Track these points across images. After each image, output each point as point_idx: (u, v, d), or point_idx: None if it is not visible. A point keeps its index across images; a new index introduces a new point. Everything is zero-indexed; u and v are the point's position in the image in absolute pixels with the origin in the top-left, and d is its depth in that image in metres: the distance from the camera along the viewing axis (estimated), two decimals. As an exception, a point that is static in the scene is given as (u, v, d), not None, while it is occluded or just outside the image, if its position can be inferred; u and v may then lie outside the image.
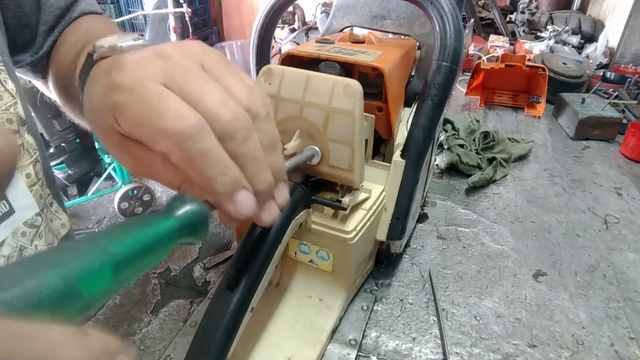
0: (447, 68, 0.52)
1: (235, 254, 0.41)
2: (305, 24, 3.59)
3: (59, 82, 0.49)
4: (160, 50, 0.27)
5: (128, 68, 0.26)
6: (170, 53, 0.27)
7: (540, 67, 1.35)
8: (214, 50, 0.29)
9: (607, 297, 0.66)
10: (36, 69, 0.50)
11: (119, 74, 0.26)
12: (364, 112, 0.53)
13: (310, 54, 0.54)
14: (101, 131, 0.28)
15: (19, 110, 0.43)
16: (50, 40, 0.48)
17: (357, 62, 0.53)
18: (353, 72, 0.56)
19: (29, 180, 0.45)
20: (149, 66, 0.26)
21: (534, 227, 0.83)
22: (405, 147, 0.56)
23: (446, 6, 0.52)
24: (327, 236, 0.52)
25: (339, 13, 0.72)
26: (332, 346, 0.56)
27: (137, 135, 0.25)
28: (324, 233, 0.51)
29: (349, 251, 0.53)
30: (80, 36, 0.48)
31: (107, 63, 0.28)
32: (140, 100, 0.24)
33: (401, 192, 0.57)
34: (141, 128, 0.25)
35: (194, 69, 0.26)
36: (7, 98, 0.42)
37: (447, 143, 1.03)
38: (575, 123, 1.23)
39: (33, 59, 0.48)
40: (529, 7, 2.76)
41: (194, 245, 0.74)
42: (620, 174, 1.05)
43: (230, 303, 0.38)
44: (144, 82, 0.25)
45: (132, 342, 0.56)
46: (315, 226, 0.51)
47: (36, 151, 0.46)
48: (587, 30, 2.46)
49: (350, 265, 0.56)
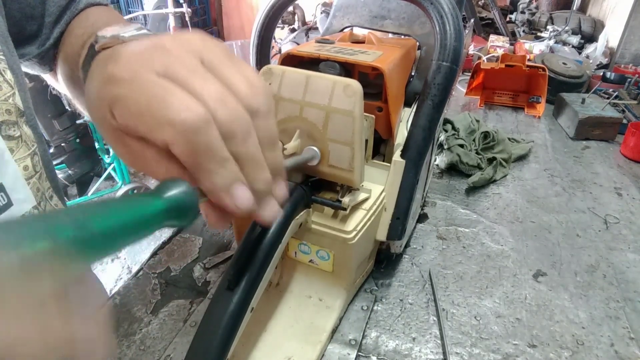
0: (447, 68, 0.52)
1: (235, 254, 0.41)
2: (305, 24, 3.59)
3: (67, 74, 0.49)
4: (159, 42, 0.27)
5: (125, 60, 0.25)
6: (170, 46, 0.26)
7: (540, 67, 1.35)
8: (215, 42, 0.28)
9: (607, 297, 0.66)
10: (43, 61, 0.50)
11: (116, 66, 0.25)
12: (364, 112, 0.53)
13: (310, 53, 0.54)
14: (99, 124, 0.28)
15: (17, 102, 0.43)
16: (56, 31, 0.48)
17: (357, 62, 0.53)
18: (353, 72, 0.56)
19: (27, 173, 0.45)
20: (146, 58, 0.25)
21: (534, 227, 0.83)
22: (405, 147, 0.56)
23: (446, 6, 0.52)
24: (327, 236, 0.52)
25: (339, 13, 0.72)
26: (332, 346, 0.56)
27: (134, 127, 0.25)
28: (324, 233, 0.51)
29: (349, 251, 0.53)
30: (86, 28, 0.47)
31: (107, 54, 0.28)
32: (142, 91, 0.24)
33: (401, 192, 0.57)
34: (141, 118, 0.24)
35: (192, 64, 0.26)
36: (6, 88, 0.41)
37: (447, 143, 1.03)
38: (575, 123, 1.23)
39: (40, 51, 0.48)
40: (529, 7, 2.76)
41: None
42: (620, 174, 1.05)
43: (230, 303, 0.38)
44: (142, 74, 0.25)
45: (132, 342, 0.56)
46: (315, 226, 0.51)
47: (34, 144, 0.45)
48: (587, 30, 2.46)
49: (351, 265, 0.56)
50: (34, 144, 0.45)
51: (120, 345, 0.56)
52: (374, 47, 0.61)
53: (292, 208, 0.46)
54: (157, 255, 0.71)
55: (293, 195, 0.46)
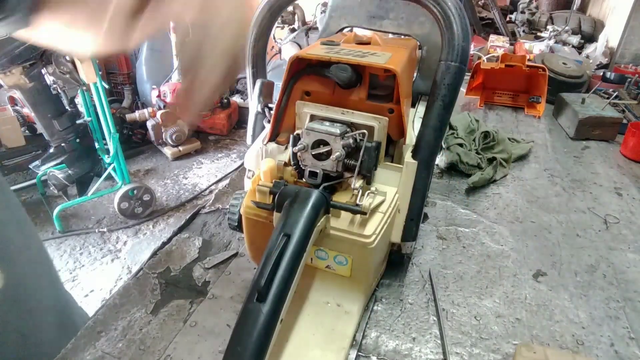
0: (456, 68, 0.52)
1: (260, 265, 0.41)
2: (305, 24, 3.59)
3: None
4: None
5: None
6: None
7: (540, 67, 1.35)
8: None
9: (607, 297, 0.66)
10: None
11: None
12: (376, 115, 0.53)
13: (321, 57, 0.54)
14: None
15: None
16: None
17: (370, 64, 0.52)
18: (364, 74, 0.55)
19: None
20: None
21: (534, 227, 0.83)
22: (416, 147, 0.55)
23: (452, 6, 0.52)
24: (346, 241, 0.51)
25: (335, 14, 0.71)
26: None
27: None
28: (343, 238, 0.51)
29: (368, 255, 0.52)
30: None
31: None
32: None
33: (414, 193, 0.57)
34: None
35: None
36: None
37: (446, 142, 1.03)
38: (575, 123, 1.23)
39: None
40: (529, 7, 2.77)
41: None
42: (620, 174, 1.05)
43: (261, 315, 0.38)
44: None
45: (133, 342, 0.56)
46: (334, 231, 0.51)
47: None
48: (587, 30, 2.46)
49: (369, 269, 0.55)
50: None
51: (120, 345, 0.56)
52: (380, 48, 0.61)
53: (315, 214, 0.45)
54: (157, 255, 0.71)
55: (314, 202, 0.45)
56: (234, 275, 0.67)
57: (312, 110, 0.55)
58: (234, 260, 0.71)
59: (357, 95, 0.56)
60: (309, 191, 0.47)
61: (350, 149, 0.52)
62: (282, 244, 0.41)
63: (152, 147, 3.53)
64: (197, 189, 2.90)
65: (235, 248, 0.73)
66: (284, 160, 0.56)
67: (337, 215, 0.51)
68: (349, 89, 0.56)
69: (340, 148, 0.51)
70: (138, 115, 3.34)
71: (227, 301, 0.62)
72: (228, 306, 0.62)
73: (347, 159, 0.52)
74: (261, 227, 0.54)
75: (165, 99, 3.47)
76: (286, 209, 0.46)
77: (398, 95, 0.55)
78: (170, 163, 3.34)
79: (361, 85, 0.56)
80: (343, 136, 0.51)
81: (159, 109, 3.34)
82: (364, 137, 0.51)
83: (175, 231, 0.77)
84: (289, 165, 0.55)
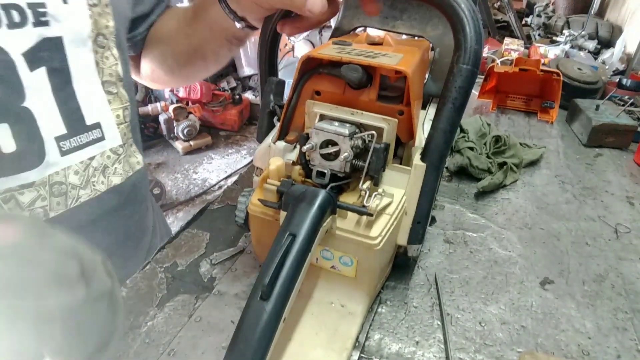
0: (469, 71, 0.52)
1: (264, 263, 0.41)
2: (318, 22, 3.58)
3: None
4: None
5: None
6: None
7: (554, 72, 1.34)
8: None
9: (615, 308, 0.65)
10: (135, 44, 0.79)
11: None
12: (386, 116, 0.53)
13: (332, 57, 0.54)
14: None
15: (119, 70, 0.64)
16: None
17: (381, 65, 0.52)
18: (375, 75, 0.55)
19: (118, 120, 0.65)
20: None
21: (543, 234, 0.82)
22: (426, 150, 0.55)
23: (465, 8, 0.51)
24: (352, 242, 0.51)
25: (349, 13, 0.71)
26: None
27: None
28: (349, 239, 0.51)
29: (374, 257, 0.52)
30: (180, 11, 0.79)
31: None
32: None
33: (422, 196, 0.56)
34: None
35: None
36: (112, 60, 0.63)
37: (456, 145, 1.02)
38: (589, 130, 1.21)
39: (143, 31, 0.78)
40: (545, 11, 2.73)
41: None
42: (632, 183, 1.03)
43: (264, 313, 0.38)
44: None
45: (138, 335, 0.57)
46: (340, 232, 0.51)
47: (127, 101, 0.66)
48: (604, 36, 2.42)
49: (374, 271, 0.55)
50: (126, 102, 0.66)
51: (125, 337, 0.56)
52: (392, 49, 0.60)
53: (321, 215, 0.45)
54: (164, 250, 0.72)
55: (321, 202, 0.45)
56: (240, 272, 0.68)
57: (322, 109, 0.55)
58: (240, 257, 0.71)
59: (367, 96, 0.56)
60: (315, 191, 0.47)
61: (358, 149, 0.52)
62: (287, 243, 0.42)
63: (163, 141, 3.56)
64: (206, 184, 2.92)
65: (242, 245, 0.73)
66: (292, 159, 0.56)
67: (344, 216, 0.51)
68: (359, 89, 0.56)
69: (348, 149, 0.51)
70: (151, 109, 3.37)
71: (231, 298, 0.63)
72: (233, 303, 0.62)
73: (356, 160, 0.52)
74: (268, 225, 0.54)
75: (178, 94, 3.49)
76: (292, 208, 0.46)
77: (408, 97, 0.54)
78: (181, 157, 3.36)
79: (372, 86, 0.56)
80: (352, 137, 0.51)
81: (171, 103, 3.37)
82: (373, 139, 0.51)
83: (183, 226, 0.78)
84: (297, 164, 0.55)
